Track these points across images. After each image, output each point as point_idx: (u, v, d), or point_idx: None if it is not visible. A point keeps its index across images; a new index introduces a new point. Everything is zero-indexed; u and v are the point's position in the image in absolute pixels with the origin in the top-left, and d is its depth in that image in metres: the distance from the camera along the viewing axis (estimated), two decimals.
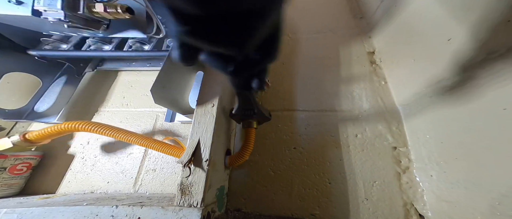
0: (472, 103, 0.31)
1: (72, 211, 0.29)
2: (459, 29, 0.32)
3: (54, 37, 0.59)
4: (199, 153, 0.32)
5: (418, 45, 0.41)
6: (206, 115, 0.36)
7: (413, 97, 0.42)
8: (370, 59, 0.55)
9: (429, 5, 0.38)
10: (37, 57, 0.57)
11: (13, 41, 0.55)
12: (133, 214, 0.28)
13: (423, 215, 0.36)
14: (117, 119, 0.59)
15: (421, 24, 0.41)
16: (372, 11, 0.59)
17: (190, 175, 0.31)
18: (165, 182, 0.48)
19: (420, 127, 0.41)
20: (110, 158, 0.52)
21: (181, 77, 0.48)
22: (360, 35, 0.61)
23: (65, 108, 0.60)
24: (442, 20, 0.35)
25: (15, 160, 0.47)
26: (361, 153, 0.43)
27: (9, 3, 0.45)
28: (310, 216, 0.39)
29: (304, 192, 0.42)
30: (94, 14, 0.48)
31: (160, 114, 0.58)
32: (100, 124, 0.42)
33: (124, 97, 0.63)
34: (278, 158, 0.46)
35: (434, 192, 0.36)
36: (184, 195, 0.29)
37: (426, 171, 0.38)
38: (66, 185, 0.50)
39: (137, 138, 0.41)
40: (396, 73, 0.48)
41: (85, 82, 0.67)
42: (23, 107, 0.56)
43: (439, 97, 0.36)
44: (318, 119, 0.49)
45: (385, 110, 0.47)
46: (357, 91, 0.51)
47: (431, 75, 0.37)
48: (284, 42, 0.66)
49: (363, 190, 0.40)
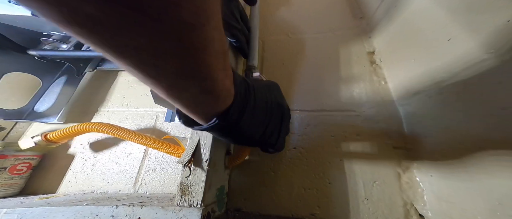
0: (472, 103, 0.31)
1: (72, 211, 0.29)
2: (459, 29, 0.32)
3: (54, 37, 0.59)
4: (199, 153, 0.32)
5: (418, 45, 0.41)
6: None
7: (413, 97, 0.42)
8: (370, 59, 0.55)
9: (429, 5, 0.38)
10: (37, 57, 0.57)
11: (13, 41, 0.55)
12: (133, 214, 0.28)
13: (423, 215, 0.36)
14: (117, 118, 0.59)
15: (421, 24, 0.41)
16: (372, 11, 0.59)
17: (190, 175, 0.31)
18: (165, 182, 0.48)
19: (420, 127, 0.41)
20: (110, 158, 0.52)
21: None
22: (360, 35, 0.61)
23: (65, 108, 0.60)
24: (442, 20, 0.35)
25: (15, 160, 0.47)
26: (361, 153, 0.43)
27: (9, 3, 0.45)
28: (310, 216, 0.39)
29: (304, 192, 0.42)
30: None
31: (160, 114, 0.58)
32: (114, 126, 0.45)
33: (124, 97, 0.63)
34: (278, 158, 0.46)
35: (434, 192, 0.36)
36: (184, 195, 0.29)
37: (426, 171, 0.38)
38: (66, 185, 0.50)
39: (148, 140, 0.43)
40: (396, 73, 0.48)
41: (85, 82, 0.67)
42: (23, 107, 0.56)
43: (439, 97, 0.36)
44: (318, 119, 0.49)
45: (385, 110, 0.47)
46: (357, 91, 0.51)
47: (431, 76, 0.37)
48: (284, 42, 0.66)
49: (363, 190, 0.40)
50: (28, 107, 0.57)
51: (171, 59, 0.14)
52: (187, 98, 0.20)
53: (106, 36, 0.12)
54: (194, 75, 0.17)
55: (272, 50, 0.65)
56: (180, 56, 0.14)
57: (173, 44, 0.13)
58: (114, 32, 0.11)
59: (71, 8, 0.10)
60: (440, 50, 0.35)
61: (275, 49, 0.65)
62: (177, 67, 0.15)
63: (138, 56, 0.13)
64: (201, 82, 0.18)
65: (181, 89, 0.18)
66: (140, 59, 0.14)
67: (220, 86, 0.20)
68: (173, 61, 0.15)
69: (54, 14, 0.10)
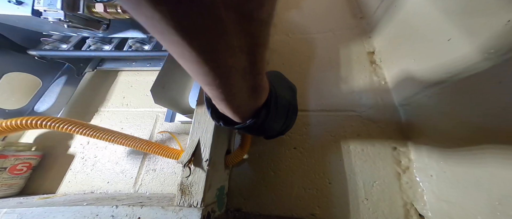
0: (472, 104, 0.31)
1: (72, 211, 0.29)
2: (459, 29, 0.32)
3: (54, 37, 0.59)
4: (199, 153, 0.32)
5: (418, 45, 0.41)
6: (206, 114, 0.36)
7: (413, 97, 0.42)
8: (370, 59, 0.55)
9: (429, 5, 0.38)
10: (37, 57, 0.57)
11: (13, 41, 0.55)
12: (133, 214, 0.28)
13: (423, 215, 0.36)
14: (117, 118, 0.59)
15: (421, 24, 0.41)
16: (372, 11, 0.59)
17: (190, 175, 0.31)
18: (165, 182, 0.48)
19: (420, 127, 0.41)
20: (110, 158, 0.52)
21: (181, 77, 0.48)
22: (360, 35, 0.61)
23: (65, 108, 0.60)
24: (442, 20, 0.35)
25: (15, 160, 0.47)
26: (361, 153, 0.43)
27: (9, 3, 0.45)
28: (310, 216, 0.39)
29: (304, 192, 0.42)
30: (94, 14, 0.48)
31: (160, 114, 0.58)
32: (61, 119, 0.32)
33: (124, 97, 0.63)
34: (278, 158, 0.46)
35: (434, 192, 0.36)
36: (184, 195, 0.29)
37: (426, 171, 0.38)
38: (66, 185, 0.50)
39: (107, 134, 0.34)
40: (396, 73, 0.47)
41: (85, 82, 0.67)
42: (23, 107, 0.56)
43: (439, 97, 0.36)
44: (318, 119, 0.49)
45: (385, 110, 0.47)
46: (357, 91, 0.51)
47: (431, 76, 0.37)
48: (284, 42, 0.66)
49: (363, 190, 0.40)
50: (28, 107, 0.57)
51: (243, 55, 0.15)
52: (242, 95, 0.20)
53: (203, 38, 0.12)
54: (255, 70, 0.17)
55: (272, 50, 0.65)
56: (251, 52, 0.15)
57: (251, 40, 0.14)
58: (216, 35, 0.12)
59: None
60: (440, 50, 0.35)
61: (275, 49, 0.65)
62: (245, 61, 0.16)
63: (225, 52, 0.14)
64: (257, 76, 0.19)
65: (241, 85, 0.18)
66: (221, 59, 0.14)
67: (265, 80, 0.21)
68: (244, 57, 0.15)
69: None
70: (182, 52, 0.13)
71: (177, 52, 0.14)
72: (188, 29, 0.11)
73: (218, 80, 0.16)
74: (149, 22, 0.11)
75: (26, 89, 0.59)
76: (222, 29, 0.12)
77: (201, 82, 0.17)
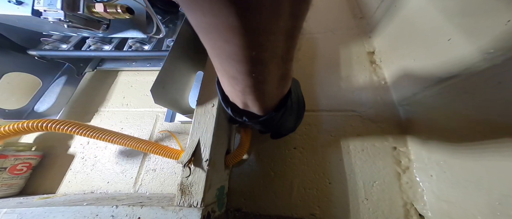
0: (472, 104, 0.31)
1: (72, 211, 0.29)
2: (459, 29, 0.32)
3: (54, 37, 0.59)
4: (199, 153, 0.32)
5: (418, 45, 0.41)
6: (206, 114, 0.36)
7: (413, 97, 0.42)
8: (370, 59, 0.55)
9: (429, 5, 0.38)
10: (37, 57, 0.57)
11: (13, 41, 0.55)
12: (133, 214, 0.28)
13: (423, 215, 0.36)
14: (117, 119, 0.59)
15: (421, 24, 0.41)
16: (372, 11, 0.59)
17: (190, 175, 0.31)
18: (165, 182, 0.48)
19: (420, 127, 0.41)
20: (110, 158, 0.52)
21: (181, 77, 0.48)
22: (360, 35, 0.61)
23: (65, 108, 0.60)
24: (442, 20, 0.35)
25: (15, 160, 0.47)
26: (361, 153, 0.43)
27: (9, 3, 0.45)
28: (310, 216, 0.39)
29: (304, 192, 0.42)
30: (94, 14, 0.48)
31: (160, 114, 0.58)
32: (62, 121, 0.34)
33: (124, 97, 0.63)
34: (278, 158, 0.46)
35: (434, 192, 0.36)
36: (184, 195, 0.29)
37: (426, 171, 0.38)
38: (66, 185, 0.50)
39: (113, 136, 0.35)
40: (396, 73, 0.47)
41: (85, 82, 0.67)
42: (23, 107, 0.56)
43: (439, 97, 0.36)
44: (318, 119, 0.49)
45: (385, 110, 0.47)
46: (357, 91, 0.51)
47: (431, 75, 0.37)
48: None
49: (363, 190, 0.40)
50: (28, 107, 0.57)
51: (285, 38, 0.15)
52: (273, 83, 0.20)
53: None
54: (288, 56, 0.18)
55: None
56: (291, 36, 0.16)
57: (294, 22, 0.15)
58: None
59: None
60: (440, 50, 0.35)
61: None
62: (285, 46, 0.16)
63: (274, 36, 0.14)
64: (288, 62, 0.19)
65: (275, 72, 0.18)
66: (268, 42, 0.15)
67: (292, 68, 0.21)
68: (284, 41, 0.16)
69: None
70: (233, 36, 0.13)
71: (227, 38, 0.14)
72: (248, 6, 0.12)
73: (259, 66, 0.16)
74: (206, 5, 0.11)
75: (26, 89, 0.59)
76: (279, 9, 0.12)
77: (236, 72, 0.17)
